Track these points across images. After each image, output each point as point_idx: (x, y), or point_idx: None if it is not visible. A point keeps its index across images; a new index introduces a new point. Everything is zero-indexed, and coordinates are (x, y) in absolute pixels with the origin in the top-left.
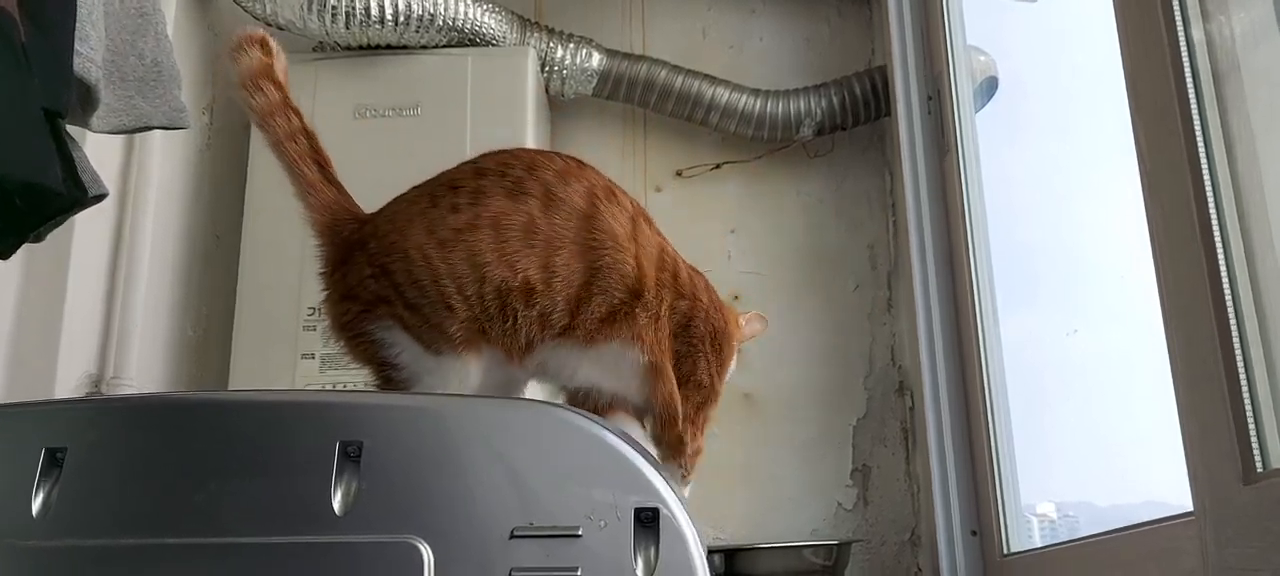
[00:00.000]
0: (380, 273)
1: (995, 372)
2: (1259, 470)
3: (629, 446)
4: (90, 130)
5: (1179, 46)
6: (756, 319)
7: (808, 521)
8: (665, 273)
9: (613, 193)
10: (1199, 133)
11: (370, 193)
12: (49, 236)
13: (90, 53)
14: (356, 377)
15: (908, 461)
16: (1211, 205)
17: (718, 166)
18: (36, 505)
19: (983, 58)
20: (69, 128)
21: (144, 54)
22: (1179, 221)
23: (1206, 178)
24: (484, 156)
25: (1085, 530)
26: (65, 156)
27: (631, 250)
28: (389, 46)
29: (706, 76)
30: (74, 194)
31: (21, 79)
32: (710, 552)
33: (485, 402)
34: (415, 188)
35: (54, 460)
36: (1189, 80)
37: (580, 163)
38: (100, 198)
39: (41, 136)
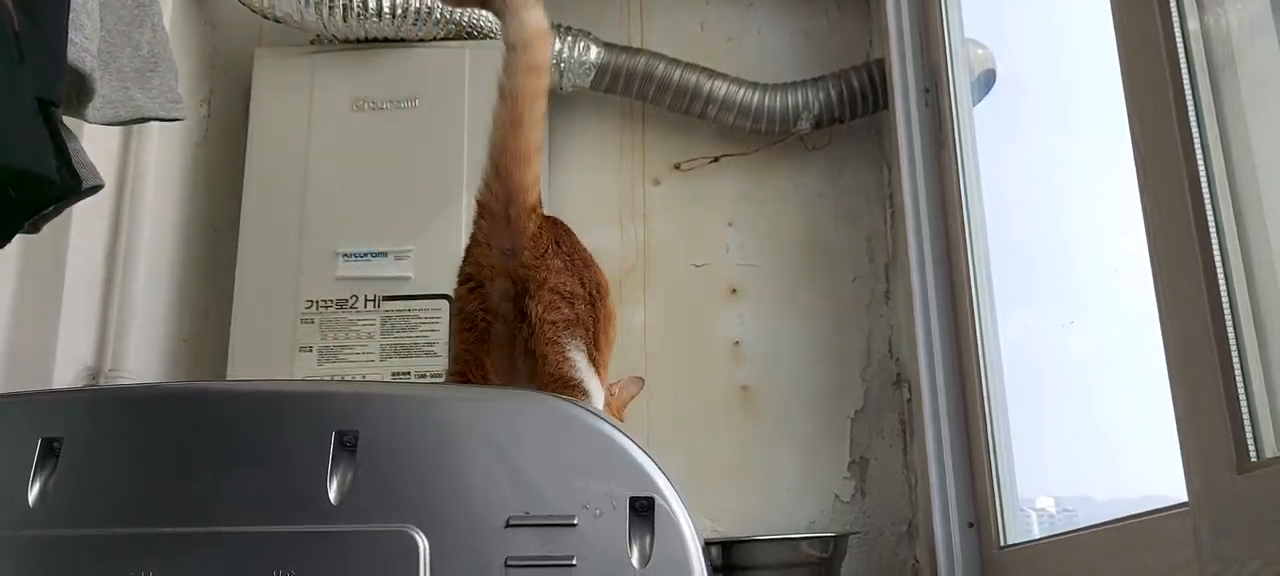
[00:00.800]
0: (588, 300)
1: (992, 365)
2: (1253, 460)
3: (625, 436)
4: (86, 121)
5: (1175, 39)
6: None
7: (805, 513)
8: None
9: None
10: (1195, 125)
11: (369, 185)
12: (46, 228)
13: (84, 42)
14: (354, 370)
15: (905, 453)
16: (1207, 198)
17: (716, 159)
18: (33, 495)
19: (981, 51)
20: (66, 119)
21: (140, 45)
22: (1174, 214)
23: (1202, 170)
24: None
25: (1084, 523)
26: (59, 145)
27: None
28: (386, 39)
29: (704, 69)
30: (68, 183)
31: (14, 68)
32: (708, 544)
33: (480, 392)
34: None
35: (50, 450)
36: (1185, 73)
37: None
38: (96, 189)
39: (35, 125)
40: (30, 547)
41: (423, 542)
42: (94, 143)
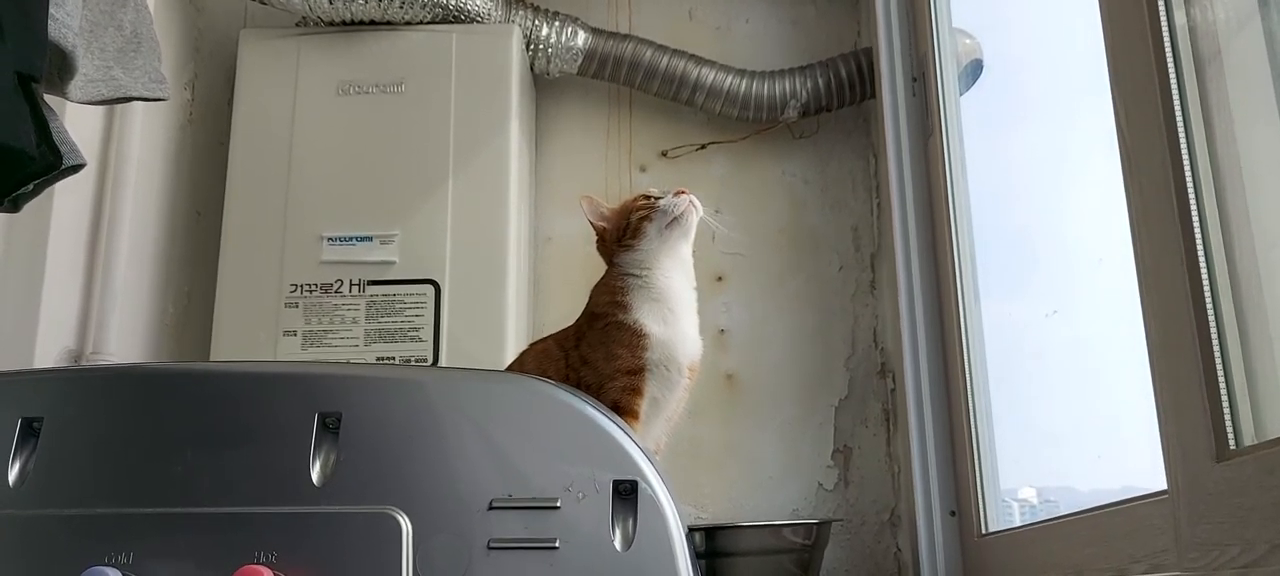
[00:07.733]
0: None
1: (976, 355)
2: (1232, 448)
3: (608, 419)
4: (68, 99)
5: (1161, 31)
6: None
7: (788, 501)
8: None
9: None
10: (1180, 117)
11: (355, 169)
12: (28, 209)
13: (66, 18)
14: (339, 354)
15: (888, 442)
16: (1190, 189)
17: (703, 147)
18: (13, 474)
19: (968, 41)
20: (48, 97)
21: (123, 24)
22: (1158, 205)
23: (1186, 162)
24: None
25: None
26: (39, 121)
27: None
28: (372, 22)
29: (692, 56)
30: (48, 159)
31: None
32: (691, 531)
33: (465, 375)
34: None
35: (30, 429)
36: (1171, 65)
37: None
38: (78, 168)
39: (14, 99)
40: (9, 527)
41: (405, 524)
42: (77, 123)
